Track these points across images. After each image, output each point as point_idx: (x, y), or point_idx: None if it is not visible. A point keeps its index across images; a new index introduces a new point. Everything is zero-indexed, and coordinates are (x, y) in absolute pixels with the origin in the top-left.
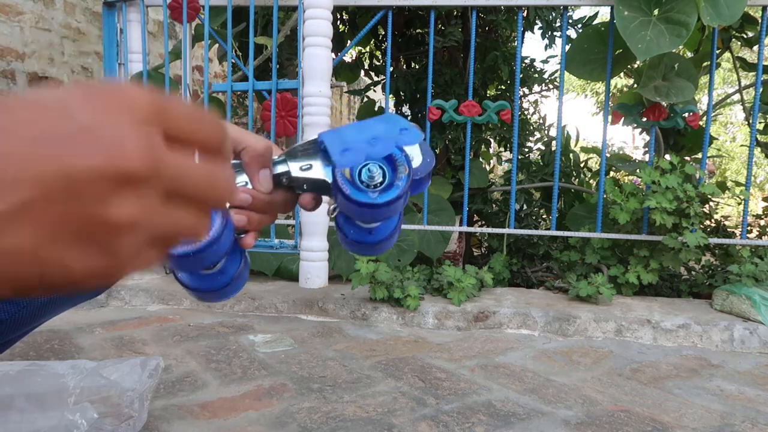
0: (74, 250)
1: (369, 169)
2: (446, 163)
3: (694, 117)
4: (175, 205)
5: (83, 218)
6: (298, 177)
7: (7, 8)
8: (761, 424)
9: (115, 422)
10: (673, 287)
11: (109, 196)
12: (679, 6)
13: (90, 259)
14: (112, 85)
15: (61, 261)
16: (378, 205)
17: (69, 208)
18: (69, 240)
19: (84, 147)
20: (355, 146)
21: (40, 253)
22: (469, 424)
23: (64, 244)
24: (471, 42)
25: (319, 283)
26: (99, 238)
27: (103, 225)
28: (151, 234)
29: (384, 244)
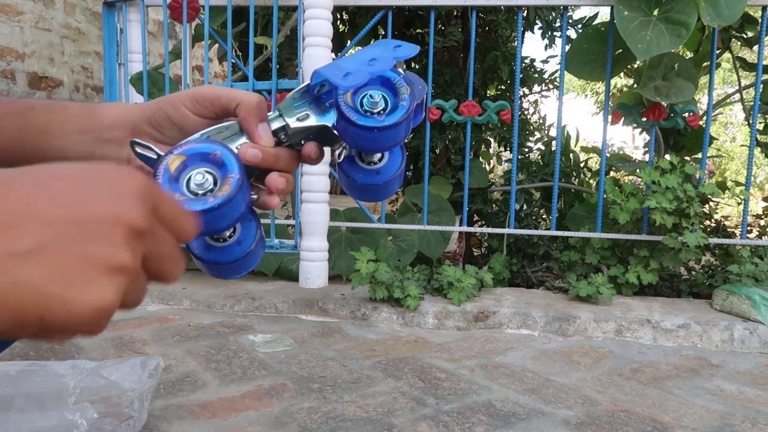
0: (79, 287)
1: (370, 95)
2: (446, 163)
3: (694, 117)
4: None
5: (93, 258)
6: (297, 128)
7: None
8: (761, 424)
9: (115, 422)
10: (673, 287)
11: (119, 241)
12: (679, 6)
13: (90, 296)
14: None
15: (63, 297)
16: (387, 127)
17: (81, 248)
18: (75, 278)
19: (100, 201)
20: (355, 69)
21: (46, 288)
22: (469, 424)
23: (70, 281)
24: (471, 42)
25: (319, 283)
26: (103, 277)
27: (109, 265)
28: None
29: (393, 184)
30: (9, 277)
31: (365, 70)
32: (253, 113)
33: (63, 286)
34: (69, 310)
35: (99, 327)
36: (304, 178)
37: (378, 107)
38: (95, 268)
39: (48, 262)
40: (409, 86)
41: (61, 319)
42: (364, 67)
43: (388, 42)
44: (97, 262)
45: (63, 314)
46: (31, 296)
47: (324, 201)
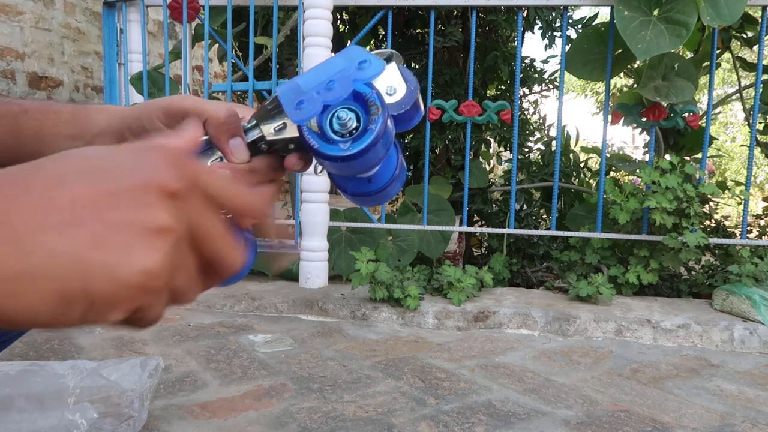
0: (120, 251)
1: (338, 116)
2: (446, 163)
3: (694, 117)
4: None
5: (130, 223)
6: (273, 140)
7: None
8: (761, 424)
9: (115, 422)
10: (673, 287)
11: (155, 203)
12: (679, 6)
13: (134, 258)
14: (149, 143)
15: (105, 262)
16: (352, 156)
17: (117, 215)
18: (116, 243)
19: (131, 171)
20: (310, 95)
21: (86, 255)
22: (469, 424)
23: (110, 247)
24: (471, 42)
25: (319, 283)
26: (144, 240)
27: (148, 226)
28: (176, 256)
29: (389, 189)
30: (46, 249)
31: (319, 98)
32: (222, 129)
33: (104, 252)
34: (113, 276)
35: (148, 295)
36: (304, 178)
37: (348, 128)
38: (134, 232)
39: (85, 231)
40: (380, 104)
41: (107, 288)
42: (319, 93)
43: (355, 54)
44: (136, 225)
45: (108, 282)
46: (72, 266)
47: (324, 201)
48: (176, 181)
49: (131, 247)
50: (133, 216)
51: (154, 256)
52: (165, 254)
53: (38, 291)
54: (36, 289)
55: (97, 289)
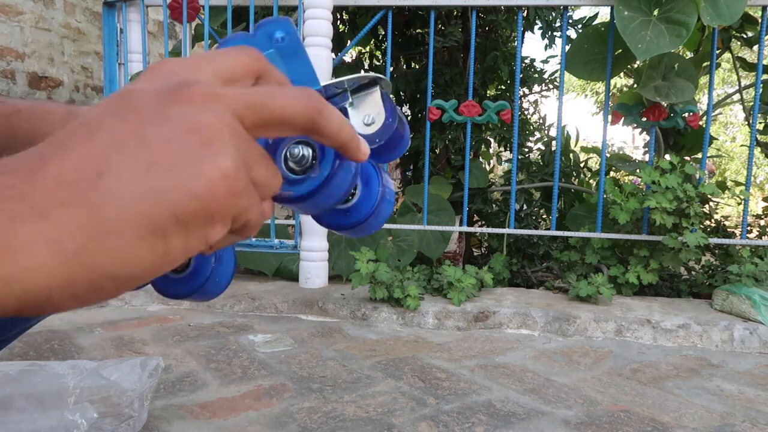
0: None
1: (290, 152)
2: (446, 163)
3: (694, 117)
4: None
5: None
6: None
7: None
8: (761, 424)
9: (115, 422)
10: (673, 287)
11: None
12: (679, 6)
13: (206, 168)
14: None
15: (180, 184)
16: (300, 198)
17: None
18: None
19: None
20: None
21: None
22: (469, 424)
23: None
24: (471, 42)
25: (319, 283)
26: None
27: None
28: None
29: (367, 223)
30: (118, 192)
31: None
32: None
33: (172, 174)
34: (195, 193)
35: (238, 197)
36: None
37: (304, 163)
38: (190, 148)
39: (142, 163)
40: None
41: (196, 207)
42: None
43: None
44: (190, 137)
45: (192, 200)
46: (149, 201)
47: None
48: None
49: (197, 159)
50: (183, 130)
51: (223, 157)
52: (232, 151)
53: (127, 239)
54: (124, 239)
55: (185, 211)
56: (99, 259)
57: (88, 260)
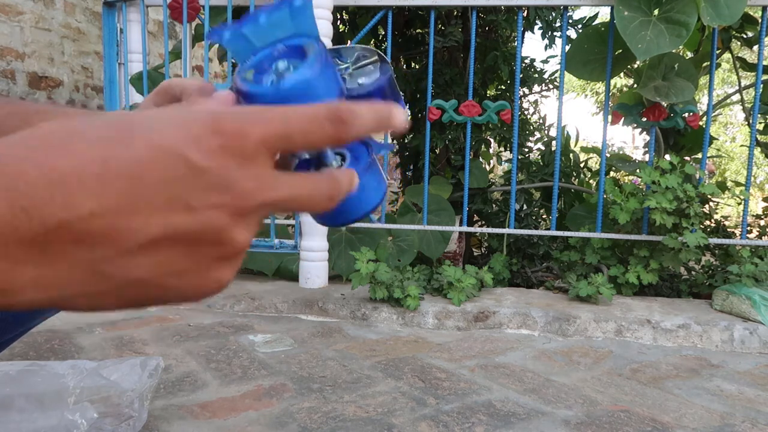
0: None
1: (277, 67)
2: (446, 163)
3: (694, 117)
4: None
5: (207, 252)
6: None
7: (7, 8)
8: (761, 424)
9: (115, 422)
10: (673, 287)
11: (229, 230)
12: (679, 6)
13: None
14: (221, 121)
15: (181, 289)
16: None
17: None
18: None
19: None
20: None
21: (162, 282)
22: (469, 424)
23: (186, 275)
24: (471, 42)
25: (319, 283)
26: (220, 265)
27: (224, 255)
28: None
29: (357, 208)
30: (125, 273)
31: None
32: (195, 95)
33: (179, 278)
34: (185, 297)
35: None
36: None
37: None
38: (209, 260)
39: (160, 257)
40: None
41: (177, 302)
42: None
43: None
44: (211, 254)
45: (179, 299)
46: (148, 290)
47: None
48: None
49: (206, 272)
50: (211, 241)
51: (227, 277)
52: (237, 268)
53: (113, 303)
54: (111, 302)
55: (169, 301)
56: (75, 306)
57: (65, 304)
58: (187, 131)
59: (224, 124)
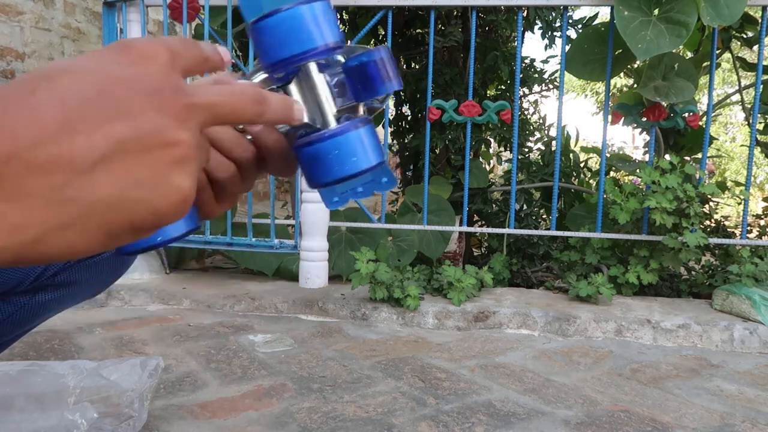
0: (157, 188)
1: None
2: (446, 163)
3: (694, 117)
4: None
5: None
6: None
7: (7, 8)
8: (761, 424)
9: (115, 422)
10: (673, 287)
11: (169, 130)
12: (679, 6)
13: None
14: (132, 42)
15: (144, 199)
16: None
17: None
18: (149, 179)
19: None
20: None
21: (127, 196)
22: (469, 424)
23: (145, 184)
24: (471, 42)
25: (319, 283)
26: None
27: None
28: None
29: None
30: (87, 195)
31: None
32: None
33: (141, 189)
34: (156, 211)
35: (183, 213)
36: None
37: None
38: (163, 164)
39: (116, 170)
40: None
41: (150, 220)
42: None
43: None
44: (163, 158)
45: (150, 216)
46: (116, 209)
47: None
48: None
49: (165, 178)
50: (160, 144)
51: (187, 182)
52: (195, 171)
53: (83, 237)
54: (80, 237)
55: (142, 222)
56: (52, 248)
57: (42, 248)
58: (103, 55)
59: (134, 43)
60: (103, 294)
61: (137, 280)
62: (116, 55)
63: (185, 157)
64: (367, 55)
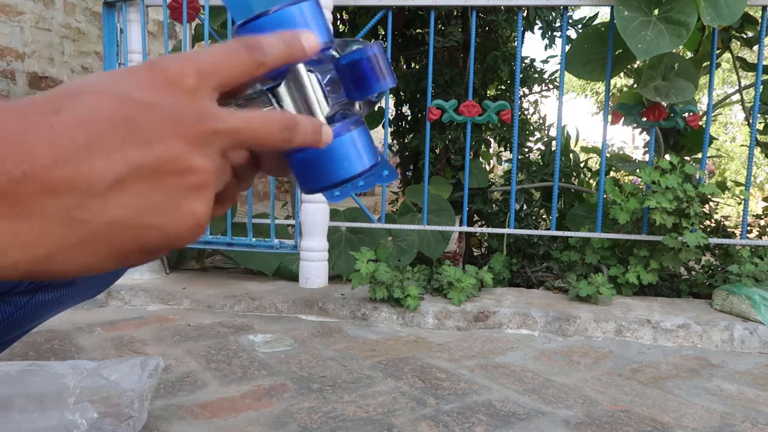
0: (170, 213)
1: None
2: (446, 163)
3: (694, 117)
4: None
5: (173, 182)
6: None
7: (7, 8)
8: (761, 424)
9: (115, 422)
10: (673, 287)
11: (187, 157)
12: (679, 6)
13: (184, 218)
14: (158, 64)
15: (157, 225)
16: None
17: (157, 173)
18: (163, 205)
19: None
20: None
21: (139, 221)
22: (469, 424)
23: (159, 210)
24: (471, 42)
25: (319, 283)
26: (189, 197)
27: (191, 185)
28: (217, 186)
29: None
30: (101, 217)
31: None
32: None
33: (155, 215)
34: (167, 236)
35: (196, 237)
36: None
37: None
38: (179, 191)
39: (131, 195)
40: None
41: (161, 245)
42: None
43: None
44: (179, 185)
45: (162, 240)
46: (127, 233)
47: (324, 201)
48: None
49: (180, 204)
50: (176, 171)
51: (201, 209)
52: (211, 196)
53: (93, 256)
54: (91, 256)
55: (152, 246)
56: (63, 266)
57: (53, 266)
58: (129, 77)
59: (160, 65)
60: (103, 294)
61: (137, 280)
62: (144, 76)
63: (202, 184)
64: (360, 53)
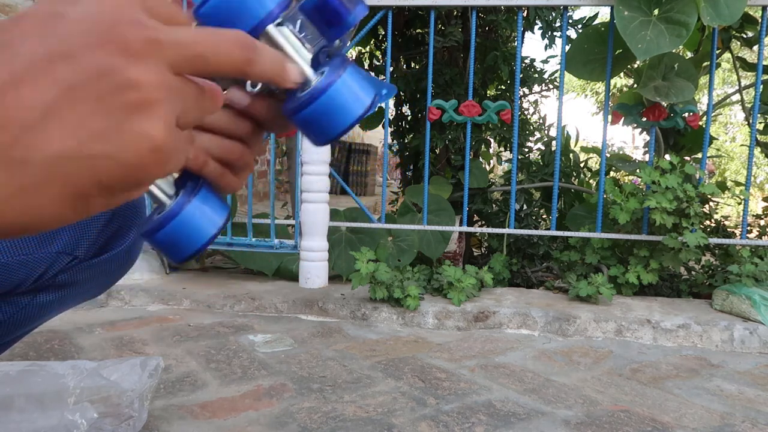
0: (117, 139)
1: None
2: (446, 163)
3: (694, 117)
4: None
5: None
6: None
7: (7, 8)
8: (761, 424)
9: (115, 422)
10: (673, 287)
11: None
12: (679, 6)
13: (135, 139)
14: None
15: (107, 153)
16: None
17: (93, 92)
18: (108, 129)
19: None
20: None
21: (84, 152)
22: (469, 424)
23: (105, 135)
24: (471, 42)
25: (319, 283)
26: (135, 115)
27: (133, 101)
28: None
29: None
30: (41, 152)
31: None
32: None
33: (100, 142)
34: (123, 164)
35: (163, 165)
36: (304, 178)
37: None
38: (120, 111)
39: (68, 122)
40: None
41: (120, 175)
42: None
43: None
44: (118, 102)
45: (118, 170)
46: (76, 166)
47: (324, 201)
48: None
49: (128, 125)
50: (116, 86)
51: (155, 125)
52: (165, 117)
53: (48, 200)
54: (45, 199)
55: (111, 179)
56: (18, 215)
57: (6, 216)
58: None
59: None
60: (103, 294)
61: (137, 280)
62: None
63: (147, 100)
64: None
